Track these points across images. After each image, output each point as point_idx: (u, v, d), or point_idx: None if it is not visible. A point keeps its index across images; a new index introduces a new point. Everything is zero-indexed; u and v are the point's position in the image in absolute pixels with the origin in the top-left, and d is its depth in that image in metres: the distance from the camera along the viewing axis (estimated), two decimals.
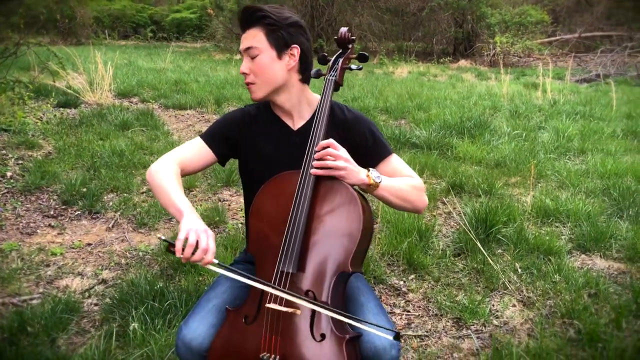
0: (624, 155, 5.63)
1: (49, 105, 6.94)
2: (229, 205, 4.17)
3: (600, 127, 6.77)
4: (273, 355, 1.46)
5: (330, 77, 1.72)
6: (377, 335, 1.50)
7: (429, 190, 4.29)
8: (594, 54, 14.88)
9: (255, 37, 1.65)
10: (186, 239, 1.41)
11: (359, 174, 1.59)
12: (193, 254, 1.41)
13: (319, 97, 1.77)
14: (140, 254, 3.32)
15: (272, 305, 1.47)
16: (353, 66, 1.82)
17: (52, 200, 4.06)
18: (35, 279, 2.98)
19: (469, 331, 2.55)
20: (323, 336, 1.46)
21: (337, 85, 1.74)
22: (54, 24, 17.94)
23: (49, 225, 3.68)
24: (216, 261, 1.44)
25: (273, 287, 1.47)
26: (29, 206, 3.94)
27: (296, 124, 1.78)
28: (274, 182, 1.64)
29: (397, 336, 1.44)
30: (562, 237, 3.56)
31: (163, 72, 11.08)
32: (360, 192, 1.63)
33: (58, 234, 3.57)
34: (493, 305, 2.77)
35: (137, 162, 4.88)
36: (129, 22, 26.63)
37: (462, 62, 16.03)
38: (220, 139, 1.78)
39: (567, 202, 3.97)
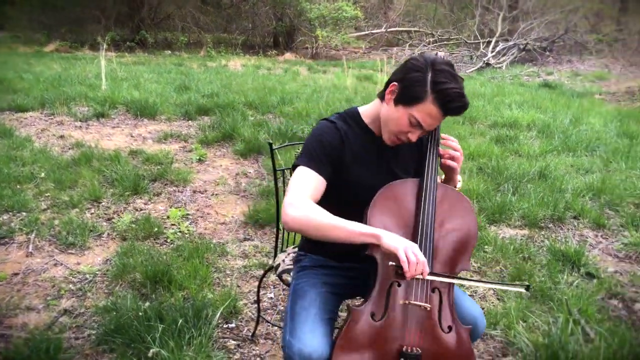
0: (471, 139, 6.54)
1: None
2: (150, 214, 3.92)
3: None
4: (415, 349, 1.58)
5: None
6: (472, 306, 1.79)
7: None
8: (402, 47, 16.61)
9: None
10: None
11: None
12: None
13: None
14: (88, 276, 3.00)
15: (412, 301, 1.58)
16: None
17: None
18: None
19: None
20: (450, 328, 1.63)
21: None
22: None
23: None
24: (428, 270, 1.51)
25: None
26: None
27: None
28: (389, 190, 1.69)
29: (528, 287, 1.64)
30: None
31: None
32: None
33: None
34: None
35: (19, 175, 4.26)
36: None
37: (288, 55, 16.56)
38: (327, 162, 1.73)
39: (465, 182, 4.56)
